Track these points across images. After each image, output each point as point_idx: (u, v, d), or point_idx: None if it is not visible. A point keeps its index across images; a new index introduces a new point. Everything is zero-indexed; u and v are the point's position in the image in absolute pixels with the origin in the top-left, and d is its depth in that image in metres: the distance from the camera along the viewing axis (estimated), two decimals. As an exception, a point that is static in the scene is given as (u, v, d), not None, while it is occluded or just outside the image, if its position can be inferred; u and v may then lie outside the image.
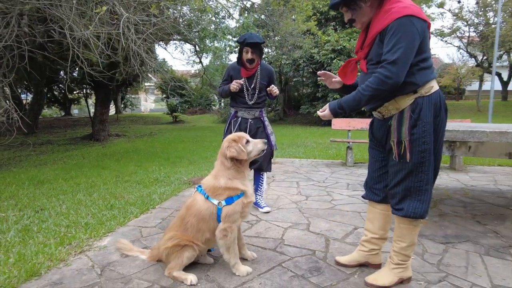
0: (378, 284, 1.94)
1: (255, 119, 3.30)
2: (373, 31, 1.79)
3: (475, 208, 3.51)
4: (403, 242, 1.91)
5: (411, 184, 1.80)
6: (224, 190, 2.07)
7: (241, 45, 3.08)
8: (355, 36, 15.40)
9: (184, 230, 2.09)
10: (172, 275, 2.04)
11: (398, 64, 1.65)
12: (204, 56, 15.71)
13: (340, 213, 3.32)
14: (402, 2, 1.70)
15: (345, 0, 1.82)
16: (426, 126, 1.74)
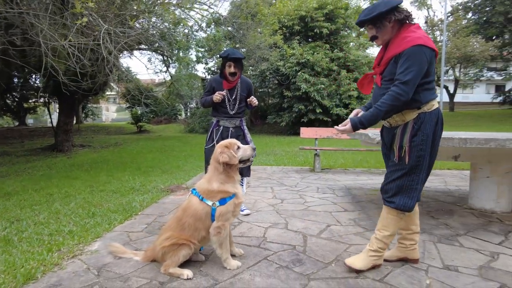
0: (355, 267, 2.23)
1: (236, 127, 3.54)
2: (390, 53, 2.11)
3: (429, 205, 3.99)
4: (387, 231, 2.24)
5: (405, 182, 2.13)
6: (217, 193, 2.29)
7: (224, 59, 3.33)
8: (318, 50, 16.22)
9: (181, 230, 2.26)
10: (168, 272, 2.21)
11: (409, 84, 1.99)
12: (171, 66, 15.76)
13: (313, 213, 3.64)
14: (416, 32, 2.04)
15: (373, 19, 2.13)
16: (425, 136, 2.08)
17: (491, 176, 3.70)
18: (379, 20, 2.13)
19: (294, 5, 16.70)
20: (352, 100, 16.35)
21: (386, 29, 2.14)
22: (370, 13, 2.12)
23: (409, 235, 2.40)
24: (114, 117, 35.50)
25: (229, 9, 16.08)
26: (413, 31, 2.06)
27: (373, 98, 2.36)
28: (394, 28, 2.13)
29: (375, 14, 2.09)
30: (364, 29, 2.27)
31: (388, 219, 2.23)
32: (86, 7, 3.62)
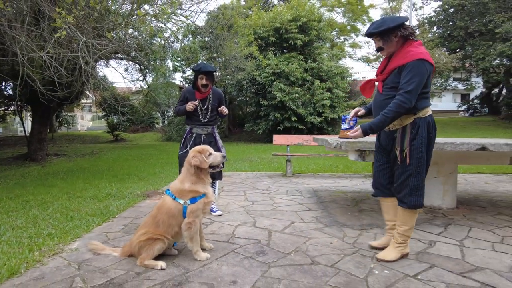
0: (387, 259, 2.54)
1: (208, 134, 3.83)
2: (394, 64, 2.41)
3: (386, 204, 4.40)
4: (406, 225, 2.55)
5: (413, 183, 2.44)
6: (188, 192, 2.56)
7: (196, 72, 3.63)
8: (292, 60, 16.79)
9: (156, 227, 2.52)
10: (144, 264, 2.45)
11: (412, 93, 2.30)
12: (148, 74, 15.83)
13: (280, 213, 3.96)
14: (418, 48, 2.35)
15: (381, 32, 2.42)
16: (422, 140, 2.39)
17: (437, 176, 4.16)
18: (386, 34, 2.42)
19: (269, 17, 17.26)
20: (325, 109, 16.97)
21: (392, 43, 2.44)
22: (379, 26, 2.42)
23: (394, 226, 2.72)
24: (89, 126, 34.79)
25: (206, 19, 16.46)
26: (416, 46, 2.38)
27: (373, 102, 2.68)
28: (399, 42, 2.43)
29: (383, 28, 2.39)
30: (372, 39, 2.56)
31: (404, 216, 2.55)
32: (66, 22, 3.82)
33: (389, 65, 2.46)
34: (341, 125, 3.99)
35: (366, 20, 29.24)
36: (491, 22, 22.71)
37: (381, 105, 2.49)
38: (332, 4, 28.26)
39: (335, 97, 17.44)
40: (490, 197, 4.93)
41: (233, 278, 2.29)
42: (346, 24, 29.21)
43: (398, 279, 2.29)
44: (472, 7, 23.95)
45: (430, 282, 2.24)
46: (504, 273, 2.39)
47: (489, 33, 23.20)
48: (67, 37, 4.64)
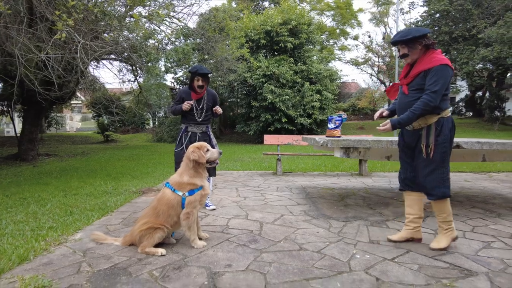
0: (441, 246, 2.75)
1: (203, 133, 4.04)
2: (420, 68, 2.66)
3: (371, 200, 4.68)
4: (444, 213, 2.77)
5: (439, 175, 2.67)
6: (187, 184, 2.78)
7: (193, 74, 3.84)
8: (283, 63, 17.10)
9: (156, 217, 2.72)
10: (145, 251, 2.64)
11: (437, 93, 2.55)
12: (139, 75, 15.92)
13: (271, 207, 4.19)
14: (441, 55, 2.63)
15: (407, 41, 2.67)
16: (446, 137, 2.65)
17: (417, 173, 4.45)
18: (412, 42, 2.68)
19: (260, 20, 17.54)
20: (315, 111, 17.32)
21: (416, 50, 2.69)
22: (405, 35, 2.68)
23: (415, 219, 2.94)
24: (79, 127, 34.47)
25: (198, 21, 16.64)
26: (438, 54, 2.66)
27: (398, 103, 2.91)
28: (422, 50, 2.69)
29: (409, 37, 2.65)
30: (397, 47, 2.83)
31: (438, 206, 2.78)
32: (66, 25, 3.99)
33: (414, 70, 2.72)
34: (328, 125, 4.26)
35: (355, 23, 29.81)
36: (474, 27, 23.46)
37: (406, 105, 2.73)
38: (322, 8, 28.74)
39: (324, 99, 17.82)
40: (467, 193, 5.25)
41: (228, 262, 2.51)
42: (335, 27, 29.72)
43: (377, 262, 2.54)
44: (456, 13, 24.70)
45: (405, 264, 2.50)
46: (470, 255, 2.66)
47: (473, 38, 23.96)
48: (66, 39, 4.79)
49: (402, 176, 3.01)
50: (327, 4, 28.74)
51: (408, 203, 3.02)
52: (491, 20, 23.21)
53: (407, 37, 2.66)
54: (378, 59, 27.86)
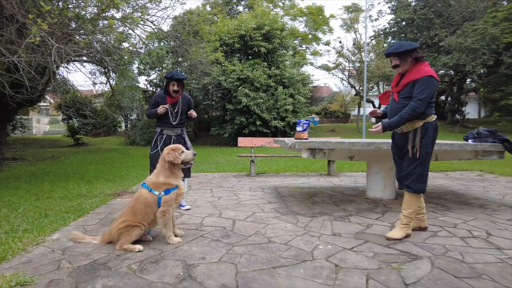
0: (396, 237, 3.08)
1: (178, 136, 4.21)
2: (409, 79, 3.00)
3: (336, 197, 5.02)
4: (410, 208, 3.11)
5: (419, 172, 3.03)
6: (163, 184, 2.95)
7: (168, 79, 4.01)
8: (257, 67, 17.43)
9: (134, 215, 2.87)
10: (123, 248, 2.79)
11: (423, 101, 2.91)
12: (111, 78, 15.68)
13: (243, 206, 4.43)
14: (428, 67, 2.98)
15: (399, 53, 3.00)
16: (429, 139, 3.01)
17: (379, 172, 4.83)
18: (403, 55, 3.01)
19: (234, 24, 17.80)
20: (288, 114, 17.75)
21: (407, 62, 3.03)
22: (397, 48, 3.01)
23: (420, 210, 3.28)
24: (46, 130, 33.14)
25: (172, 23, 16.63)
26: (426, 66, 3.01)
27: (389, 109, 3.28)
28: (412, 62, 3.03)
29: (401, 50, 2.99)
30: (389, 59, 3.17)
31: (409, 200, 3.13)
32: (41, 29, 4.04)
33: (404, 80, 3.07)
34: (297, 128, 4.57)
35: (327, 29, 30.74)
36: (436, 36, 24.90)
37: (397, 111, 3.09)
38: (295, 14, 29.43)
39: (297, 102, 18.30)
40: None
41: (202, 255, 2.72)
42: (308, 33, 30.50)
43: (338, 251, 2.83)
44: (420, 21, 26.10)
45: (362, 252, 2.81)
46: (418, 243, 3.02)
47: (435, 45, 25.41)
48: (38, 42, 4.81)
49: (397, 175, 3.40)
50: (300, 9, 29.47)
51: None
52: (451, 29, 24.74)
53: (400, 50, 3.01)
54: (349, 64, 28.84)
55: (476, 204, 4.64)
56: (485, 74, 23.87)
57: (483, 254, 2.78)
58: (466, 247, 2.95)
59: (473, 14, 24.41)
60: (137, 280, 2.27)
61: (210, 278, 2.30)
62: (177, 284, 2.21)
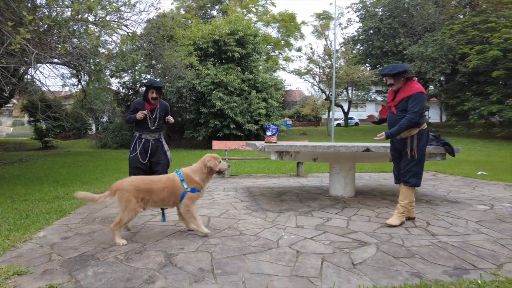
0: (394, 223, 3.71)
1: (155, 140, 4.51)
2: (403, 95, 3.67)
3: (303, 196, 5.50)
4: (406, 199, 3.78)
5: (416, 170, 3.70)
6: (194, 183, 3.29)
7: (148, 87, 4.31)
8: (231, 71, 17.84)
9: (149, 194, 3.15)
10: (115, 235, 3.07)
11: (417, 113, 3.58)
12: (83, 79, 15.49)
13: (218, 204, 4.80)
14: (417, 84, 3.68)
15: (393, 74, 3.69)
16: (424, 143, 3.71)
17: (340, 172, 5.36)
18: (397, 75, 3.70)
19: (208, 29, 18.12)
20: (261, 117, 18.27)
21: (400, 81, 3.72)
22: (392, 70, 3.69)
23: (411, 203, 3.86)
24: (9, 132, 31.75)
25: (145, 26, 16.68)
26: (416, 83, 3.70)
27: (389, 119, 3.91)
28: (403, 81, 3.72)
29: (396, 71, 3.67)
30: (384, 78, 3.85)
31: (406, 193, 3.78)
32: (23, 38, 4.22)
33: (399, 96, 3.75)
34: (266, 132, 5.01)
35: (298, 36, 31.68)
36: (400, 44, 26.42)
37: (395, 121, 3.74)
38: (268, 20, 30.14)
39: (270, 106, 18.87)
40: (383, 188, 6.34)
41: (181, 246, 3.07)
42: (280, 39, 31.30)
43: (299, 240, 3.28)
44: (386, 30, 27.59)
45: (320, 241, 3.27)
46: (369, 233, 3.53)
47: (400, 53, 26.94)
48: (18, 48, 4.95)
49: (396, 173, 4.02)
50: (273, 16, 30.22)
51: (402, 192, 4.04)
52: (414, 38, 26.34)
53: (394, 72, 3.70)
54: (319, 70, 29.90)
55: (424, 200, 5.27)
56: (444, 81, 25.61)
57: (420, 239, 3.32)
58: (407, 234, 3.48)
59: (433, 25, 26.18)
60: (124, 267, 2.60)
61: (188, 264, 2.66)
62: (160, 269, 2.56)
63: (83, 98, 14.58)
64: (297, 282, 2.36)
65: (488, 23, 21.84)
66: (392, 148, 4.02)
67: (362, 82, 26.20)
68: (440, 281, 2.37)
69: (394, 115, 3.82)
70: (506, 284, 2.31)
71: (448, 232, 3.54)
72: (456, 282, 2.35)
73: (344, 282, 2.37)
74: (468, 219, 4.10)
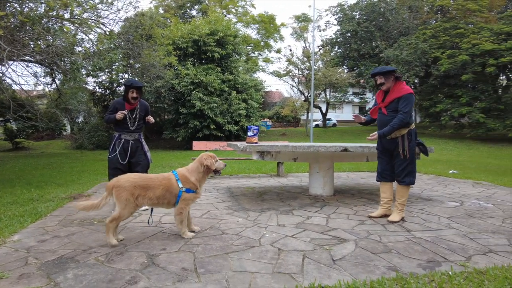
0: (395, 220, 3.91)
1: (135, 140, 4.46)
2: (393, 96, 3.80)
3: (283, 195, 5.58)
4: (403, 197, 3.94)
5: (409, 169, 3.86)
6: (190, 183, 3.25)
7: (128, 87, 4.25)
8: (211, 72, 17.77)
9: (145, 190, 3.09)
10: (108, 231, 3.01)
11: (407, 113, 3.72)
12: (57, 77, 14.98)
13: (199, 205, 4.80)
14: (406, 86, 3.82)
15: (384, 73, 3.82)
16: (413, 142, 3.85)
17: (319, 171, 5.48)
18: (388, 74, 3.83)
19: (188, 29, 17.98)
20: (241, 118, 18.30)
21: (390, 80, 3.84)
22: (382, 70, 3.85)
23: (388, 201, 4.11)
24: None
25: (123, 25, 16.32)
26: (404, 85, 3.84)
27: (379, 120, 4.01)
28: (393, 81, 3.85)
29: (386, 70, 3.83)
30: (375, 77, 3.95)
31: (402, 191, 3.95)
32: (-5, 35, 4.06)
33: (388, 97, 3.87)
34: (248, 133, 5.06)
35: (278, 37, 31.94)
36: (377, 47, 27.17)
37: (386, 122, 3.86)
38: (247, 21, 30.23)
39: (250, 107, 18.93)
40: (360, 187, 6.53)
41: (163, 246, 3.06)
42: (260, 40, 31.46)
43: (281, 238, 3.34)
44: (363, 33, 28.29)
45: (301, 238, 3.34)
46: (348, 230, 3.64)
47: (376, 56, 27.69)
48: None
49: (379, 170, 4.15)
50: (252, 17, 30.33)
51: (383, 190, 4.16)
52: (389, 42, 27.17)
53: (384, 70, 3.87)
54: (298, 72, 30.27)
55: (399, 198, 5.47)
56: (418, 84, 26.55)
57: (396, 235, 3.46)
58: (384, 231, 3.62)
59: (407, 29, 27.09)
60: (105, 268, 2.56)
61: (171, 264, 2.66)
62: (142, 270, 2.55)
63: (57, 97, 14.09)
64: (280, 279, 2.42)
65: (458, 29, 22.87)
66: (380, 148, 4.13)
67: (340, 84, 26.76)
68: (415, 273, 2.49)
69: (385, 115, 3.95)
70: (474, 274, 2.46)
71: (422, 228, 3.71)
72: (429, 274, 2.48)
73: (325, 278, 2.44)
74: (440, 215, 4.30)
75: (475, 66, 21.01)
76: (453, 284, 2.31)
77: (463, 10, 24.24)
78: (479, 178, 7.93)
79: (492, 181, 7.41)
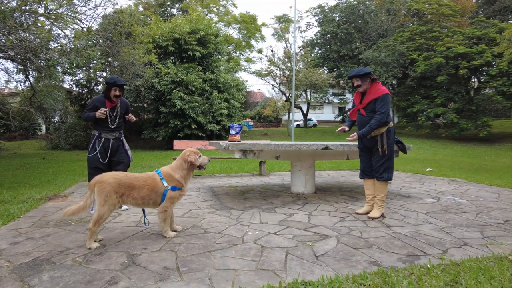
0: (375, 216, 4.00)
1: (116, 139, 4.35)
2: (370, 97, 3.90)
3: (266, 193, 5.59)
4: (382, 193, 4.04)
5: (387, 165, 3.96)
6: (176, 180, 3.17)
7: (110, 85, 4.13)
8: (192, 71, 17.58)
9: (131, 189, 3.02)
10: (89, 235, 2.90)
11: (384, 113, 3.83)
12: (31, 75, 14.42)
13: (180, 204, 4.73)
14: (382, 86, 3.91)
15: (361, 75, 3.91)
16: (392, 140, 3.97)
17: (301, 169, 5.52)
18: (364, 76, 3.93)
19: (168, 27, 17.72)
20: (223, 118, 18.21)
21: (366, 82, 3.94)
22: (359, 72, 3.93)
23: (373, 198, 4.18)
24: None
25: (101, 22, 15.91)
26: (381, 86, 3.92)
27: (358, 121, 4.13)
28: (370, 83, 3.95)
29: (363, 72, 3.92)
30: (352, 80, 4.04)
31: (380, 187, 4.04)
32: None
33: (366, 98, 3.98)
34: (230, 131, 5.03)
35: (259, 37, 32.01)
36: (356, 49, 27.69)
37: (365, 122, 3.98)
38: (229, 20, 30.13)
39: (232, 107, 18.86)
40: (341, 185, 6.62)
41: (144, 246, 2.99)
42: (241, 40, 31.43)
43: (264, 235, 3.34)
44: (343, 35, 28.76)
45: (284, 235, 3.35)
46: (329, 226, 3.68)
47: (356, 57, 28.22)
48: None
49: (362, 167, 4.25)
50: (234, 17, 30.26)
51: (367, 187, 4.25)
52: (368, 44, 27.75)
53: (361, 73, 3.95)
54: (279, 72, 30.44)
55: (378, 195, 5.58)
56: (396, 84, 27.27)
57: (376, 231, 3.53)
58: (365, 227, 3.68)
59: (386, 32, 27.76)
60: (83, 269, 2.48)
61: (153, 263, 2.61)
62: (123, 270, 2.48)
63: (31, 95, 13.56)
64: (263, 275, 2.41)
65: (433, 32, 23.64)
66: (361, 146, 4.23)
67: (320, 85, 27.10)
68: (396, 267, 2.55)
69: (363, 116, 4.07)
70: (450, 266, 2.54)
71: (401, 224, 3.80)
72: (409, 267, 2.54)
73: (308, 273, 2.46)
74: (418, 211, 4.42)
75: (449, 68, 21.79)
76: (431, 276, 2.37)
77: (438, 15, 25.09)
78: (454, 175, 8.23)
79: (465, 178, 7.71)
